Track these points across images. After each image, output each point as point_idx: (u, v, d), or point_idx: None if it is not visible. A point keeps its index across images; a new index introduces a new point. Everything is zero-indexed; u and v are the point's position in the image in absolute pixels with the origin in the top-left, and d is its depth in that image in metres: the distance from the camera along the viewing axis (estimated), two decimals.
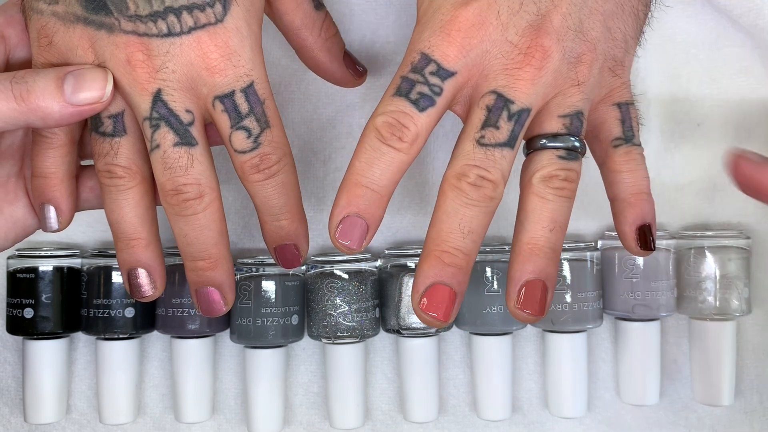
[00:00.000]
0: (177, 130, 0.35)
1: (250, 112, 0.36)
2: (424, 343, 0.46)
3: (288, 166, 0.37)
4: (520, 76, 0.34)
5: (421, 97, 0.34)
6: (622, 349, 0.47)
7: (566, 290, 0.45)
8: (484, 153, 0.34)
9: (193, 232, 0.36)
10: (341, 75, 0.42)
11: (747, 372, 0.49)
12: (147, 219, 0.37)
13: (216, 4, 0.35)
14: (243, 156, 0.36)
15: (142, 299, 0.38)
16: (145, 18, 0.34)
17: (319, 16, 0.40)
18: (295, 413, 0.49)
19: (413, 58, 0.34)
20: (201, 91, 0.35)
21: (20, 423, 0.49)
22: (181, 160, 0.35)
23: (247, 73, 0.35)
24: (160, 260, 0.38)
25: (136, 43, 0.34)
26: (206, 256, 0.36)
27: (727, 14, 0.47)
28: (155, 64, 0.34)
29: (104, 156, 0.36)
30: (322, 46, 0.41)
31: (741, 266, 0.47)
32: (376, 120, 0.34)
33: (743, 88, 0.48)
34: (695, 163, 0.49)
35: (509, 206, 0.49)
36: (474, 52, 0.34)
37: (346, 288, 0.45)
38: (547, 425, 0.49)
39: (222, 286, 0.37)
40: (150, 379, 0.49)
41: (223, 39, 0.35)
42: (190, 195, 0.35)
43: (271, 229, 0.38)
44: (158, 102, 0.35)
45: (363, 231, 0.34)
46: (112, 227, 0.37)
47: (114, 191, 0.36)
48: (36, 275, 0.46)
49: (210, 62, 0.35)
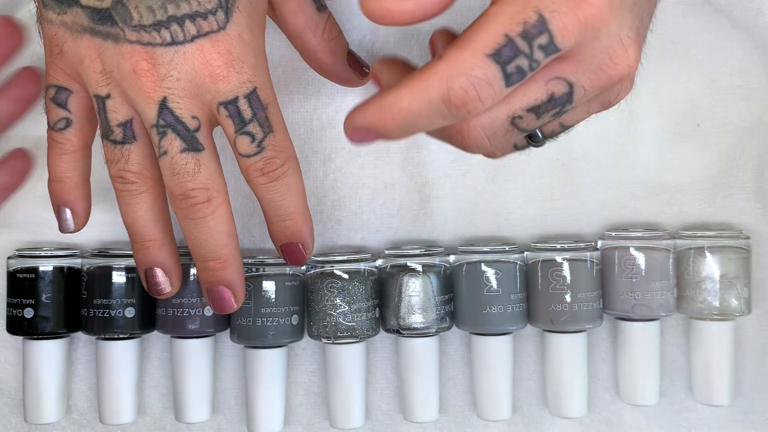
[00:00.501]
0: (183, 136, 0.36)
1: (253, 118, 0.36)
2: (424, 343, 0.46)
3: (292, 169, 0.38)
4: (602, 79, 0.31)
5: (516, 72, 0.29)
6: (621, 349, 0.47)
7: (566, 290, 0.45)
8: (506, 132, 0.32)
9: (203, 235, 0.37)
10: (345, 75, 0.43)
11: (747, 372, 0.49)
12: (160, 221, 0.39)
13: (218, 12, 0.35)
14: (248, 160, 0.37)
15: (159, 296, 0.40)
16: (148, 27, 0.35)
17: (321, 17, 0.41)
18: (295, 413, 0.49)
19: (528, 16, 0.29)
20: (206, 98, 0.36)
21: (20, 423, 0.49)
22: (188, 166, 0.36)
23: (250, 80, 0.36)
24: (175, 259, 0.40)
25: (140, 52, 0.35)
26: (216, 257, 0.38)
27: (727, 14, 0.47)
28: (160, 73, 0.35)
29: (116, 162, 0.37)
30: (325, 47, 0.41)
31: (741, 266, 0.47)
32: (455, 80, 0.29)
33: (743, 88, 0.48)
34: (695, 163, 0.49)
35: (509, 206, 0.49)
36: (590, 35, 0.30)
37: (346, 288, 0.45)
38: (546, 425, 0.49)
39: (233, 285, 0.39)
40: (150, 379, 0.49)
41: (225, 46, 0.35)
42: (198, 199, 0.36)
43: (277, 229, 0.39)
44: (164, 110, 0.35)
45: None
46: (127, 230, 0.39)
47: (127, 196, 0.38)
48: (36, 275, 0.46)
49: (213, 69, 0.35)
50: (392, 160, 0.48)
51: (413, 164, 0.48)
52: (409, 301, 0.45)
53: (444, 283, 0.46)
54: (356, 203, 0.49)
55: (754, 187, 0.49)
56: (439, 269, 0.46)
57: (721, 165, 0.49)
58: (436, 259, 0.46)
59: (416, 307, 0.45)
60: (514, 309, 0.46)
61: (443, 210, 0.49)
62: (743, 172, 0.49)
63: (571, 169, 0.49)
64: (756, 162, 0.48)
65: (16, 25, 0.43)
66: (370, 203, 0.49)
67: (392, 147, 0.48)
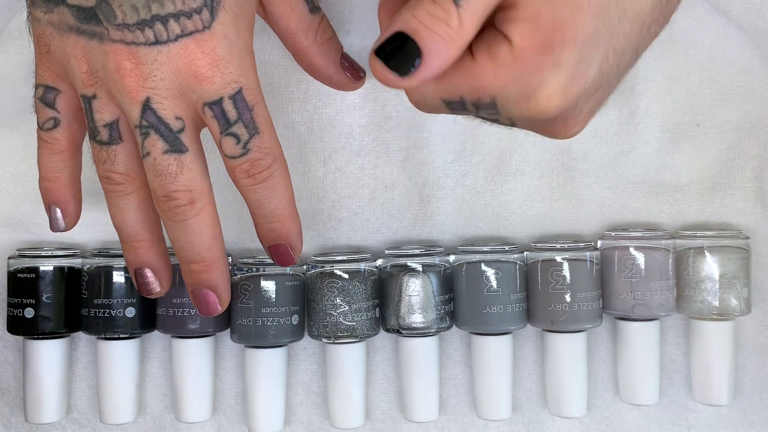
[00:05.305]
0: (166, 137, 0.35)
1: (238, 119, 0.36)
2: (424, 342, 0.46)
3: (279, 171, 0.37)
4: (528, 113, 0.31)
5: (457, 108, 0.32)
6: (621, 349, 0.47)
7: (566, 290, 0.46)
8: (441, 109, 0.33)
9: (186, 237, 0.37)
10: (338, 79, 0.42)
11: (746, 372, 0.49)
12: (148, 221, 0.38)
13: (203, 11, 0.35)
14: (233, 161, 0.36)
15: (150, 296, 0.40)
16: (132, 27, 0.34)
17: (314, 19, 0.40)
18: (295, 413, 0.49)
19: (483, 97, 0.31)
20: (191, 98, 0.35)
21: (21, 423, 0.49)
22: (171, 167, 0.35)
23: (235, 80, 0.35)
24: (164, 259, 0.40)
25: (124, 51, 0.34)
26: (199, 260, 0.37)
27: (727, 14, 0.47)
28: (143, 73, 0.34)
29: (103, 163, 0.37)
30: (318, 49, 0.41)
31: (740, 266, 0.47)
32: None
33: (743, 88, 0.48)
34: (695, 163, 0.49)
35: (509, 206, 0.49)
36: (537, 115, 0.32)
37: (346, 288, 0.45)
38: (546, 425, 0.49)
39: (216, 287, 0.38)
40: (150, 378, 0.49)
41: (210, 46, 0.35)
42: (180, 201, 0.36)
43: (264, 231, 0.39)
44: (147, 110, 0.35)
45: None
46: (116, 230, 0.39)
47: (114, 196, 0.37)
48: (37, 275, 0.46)
49: (197, 69, 0.35)
50: (392, 160, 0.48)
51: (413, 164, 0.48)
52: (409, 301, 0.45)
53: (444, 283, 0.46)
54: (356, 203, 0.49)
55: (754, 187, 0.49)
56: (439, 269, 0.46)
57: (721, 165, 0.49)
58: (436, 259, 0.46)
59: (416, 307, 0.45)
60: (513, 309, 0.46)
61: (443, 210, 0.49)
62: (743, 172, 0.49)
63: (571, 169, 0.49)
64: (756, 162, 0.48)
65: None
66: (370, 203, 0.49)
67: (392, 147, 0.48)
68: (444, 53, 0.30)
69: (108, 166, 0.37)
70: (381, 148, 0.48)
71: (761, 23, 0.47)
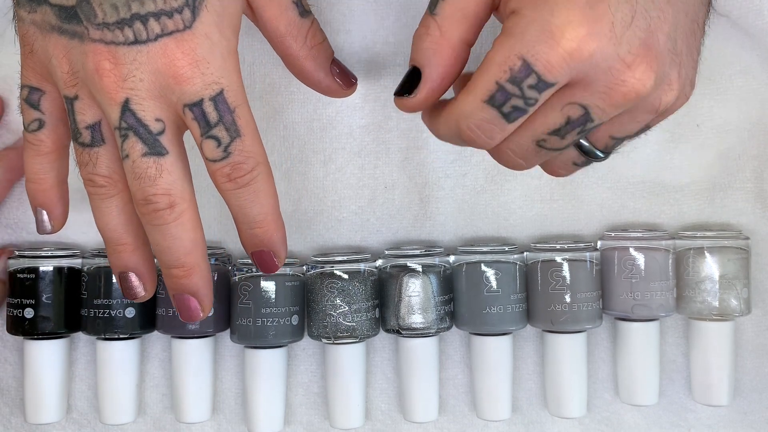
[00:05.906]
0: (145, 140, 0.34)
1: (219, 121, 0.35)
2: (424, 343, 0.46)
3: (262, 175, 0.36)
4: (615, 97, 0.33)
5: (513, 111, 0.33)
6: (621, 350, 0.47)
7: (566, 290, 0.46)
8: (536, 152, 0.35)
9: (165, 242, 0.36)
10: (327, 84, 0.41)
11: (746, 372, 0.49)
12: (132, 225, 0.37)
13: (184, 10, 0.34)
14: (214, 165, 0.35)
15: (135, 300, 0.39)
16: (112, 26, 0.34)
17: (304, 23, 0.39)
18: (295, 413, 0.49)
19: (513, 63, 0.32)
20: (171, 99, 0.35)
21: (20, 423, 0.49)
22: (149, 170, 0.35)
23: (216, 81, 0.34)
24: (148, 264, 0.38)
25: (103, 51, 0.34)
26: (179, 265, 0.36)
27: (727, 14, 0.47)
28: (122, 73, 0.34)
29: (85, 165, 0.36)
30: (307, 54, 0.40)
31: (740, 267, 0.47)
32: (462, 122, 0.34)
33: (743, 88, 0.48)
34: (695, 163, 0.49)
35: (509, 206, 0.49)
36: (582, 64, 0.32)
37: (345, 288, 0.45)
38: (546, 425, 0.49)
39: (197, 293, 0.37)
40: (150, 379, 0.49)
41: (190, 46, 0.34)
42: (159, 205, 0.35)
43: (247, 237, 0.38)
44: (126, 112, 0.34)
45: None
46: (100, 233, 0.38)
47: (97, 199, 0.37)
48: (36, 275, 0.46)
49: (177, 70, 0.34)
50: (392, 161, 0.48)
51: (413, 165, 0.48)
52: (409, 302, 0.45)
53: (444, 284, 0.46)
54: (356, 203, 0.49)
55: (754, 187, 0.49)
56: (439, 269, 0.46)
57: (721, 165, 0.49)
58: (436, 260, 0.46)
59: (416, 308, 0.45)
60: (513, 309, 0.46)
61: (443, 210, 0.49)
62: (743, 172, 0.49)
63: None
64: (755, 162, 0.48)
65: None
66: (370, 203, 0.49)
67: (392, 147, 0.48)
68: (435, 61, 0.34)
69: (90, 168, 0.36)
70: (381, 148, 0.48)
71: (761, 23, 0.47)
